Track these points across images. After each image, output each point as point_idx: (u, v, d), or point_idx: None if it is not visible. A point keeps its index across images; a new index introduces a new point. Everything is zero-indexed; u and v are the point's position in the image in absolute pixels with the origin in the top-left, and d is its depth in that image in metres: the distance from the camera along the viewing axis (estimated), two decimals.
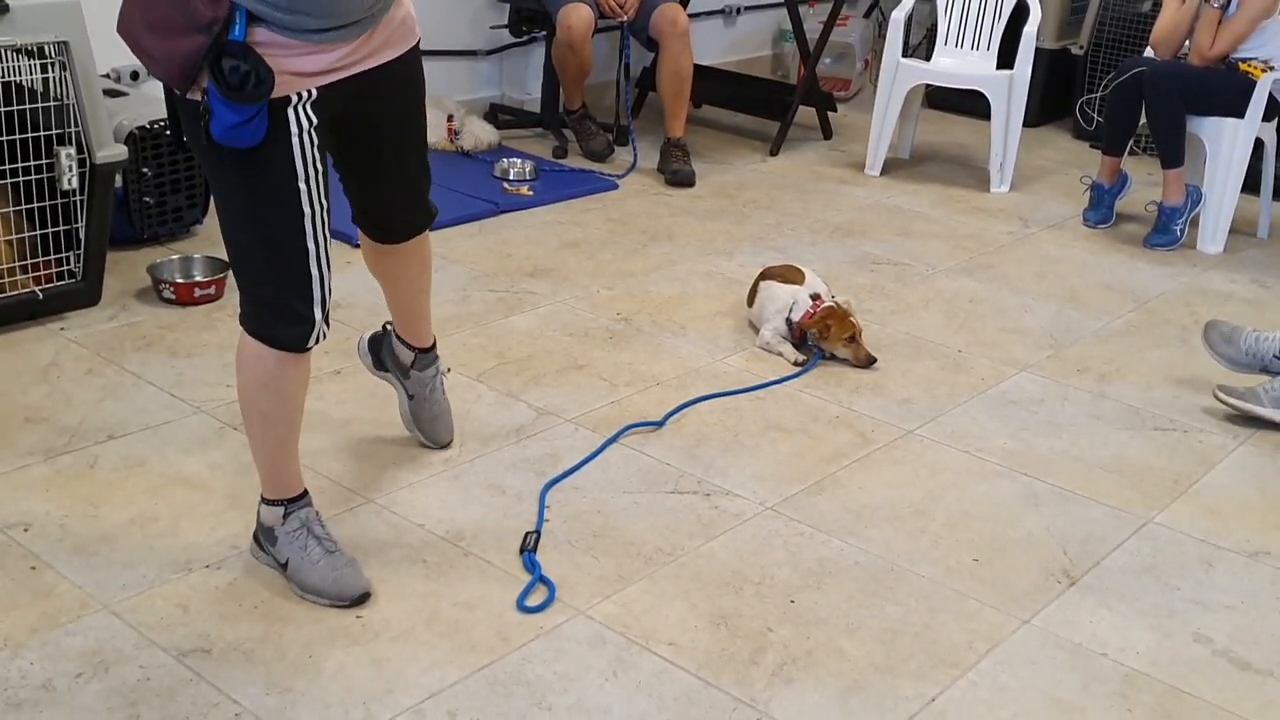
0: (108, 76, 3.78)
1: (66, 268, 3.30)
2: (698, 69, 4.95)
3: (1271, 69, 4.28)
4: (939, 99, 5.96)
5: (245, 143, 1.98)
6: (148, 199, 3.69)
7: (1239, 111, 4.30)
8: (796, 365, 3.31)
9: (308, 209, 2.08)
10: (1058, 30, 5.82)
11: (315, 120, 2.07)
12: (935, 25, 5.20)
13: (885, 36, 5.03)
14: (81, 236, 3.28)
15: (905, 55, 5.06)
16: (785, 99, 5.42)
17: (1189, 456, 2.98)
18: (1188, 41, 4.42)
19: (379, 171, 2.33)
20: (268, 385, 2.20)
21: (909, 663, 2.20)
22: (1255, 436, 3.09)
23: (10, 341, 3.18)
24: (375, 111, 2.22)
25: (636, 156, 4.93)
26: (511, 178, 4.62)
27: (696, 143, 5.17)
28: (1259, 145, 4.44)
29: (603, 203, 4.54)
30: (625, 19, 4.77)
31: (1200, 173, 4.43)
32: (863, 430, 3.01)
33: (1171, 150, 4.37)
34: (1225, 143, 4.36)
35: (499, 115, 5.26)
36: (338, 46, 2.05)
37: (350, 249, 3.46)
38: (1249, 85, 4.27)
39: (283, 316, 2.13)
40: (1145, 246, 4.41)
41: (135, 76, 4.03)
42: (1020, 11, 4.94)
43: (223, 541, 2.42)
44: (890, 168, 5.12)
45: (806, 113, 5.46)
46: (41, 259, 3.27)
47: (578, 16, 4.63)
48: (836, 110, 5.68)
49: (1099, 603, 2.40)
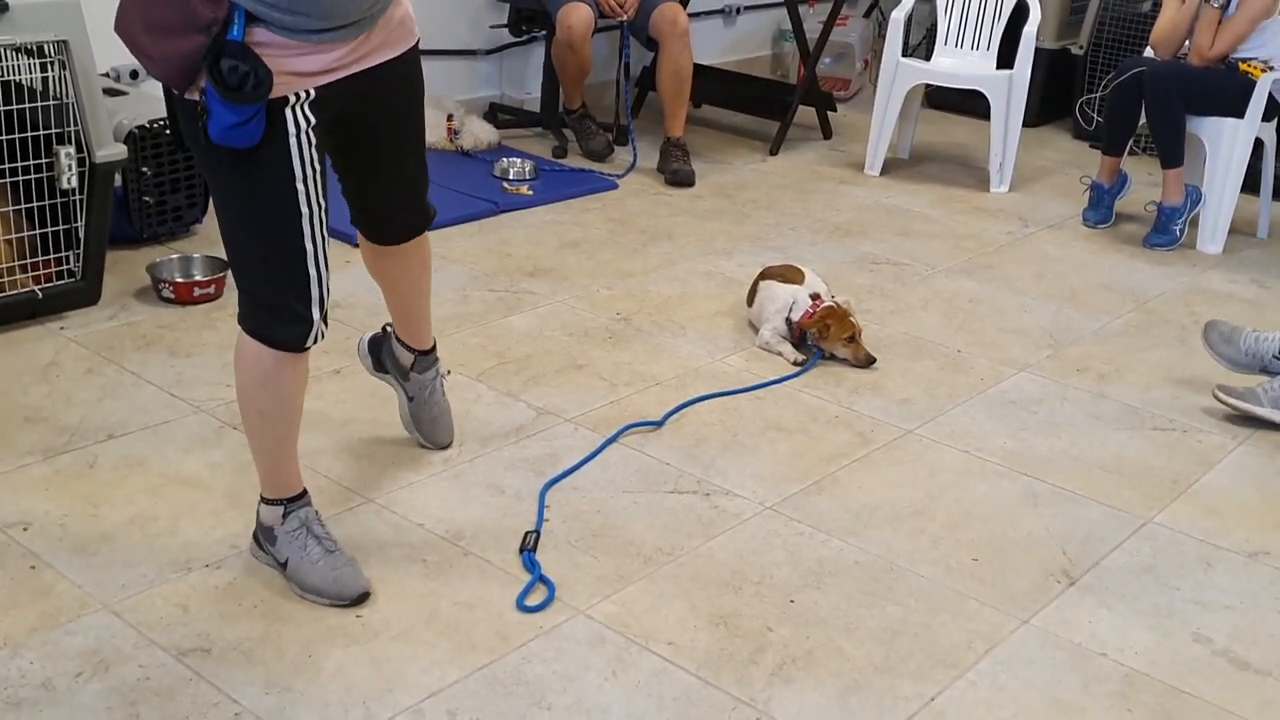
0: (107, 75, 3.78)
1: (66, 267, 3.30)
2: (697, 69, 4.95)
3: (1271, 69, 4.28)
4: (939, 99, 5.96)
5: (243, 143, 1.98)
6: (147, 198, 3.69)
7: (1239, 111, 4.30)
8: (796, 365, 3.31)
9: (306, 209, 2.08)
10: (1057, 30, 5.81)
11: (313, 120, 2.06)
12: (935, 25, 5.20)
13: (885, 36, 5.03)
14: (81, 236, 3.28)
15: (905, 55, 5.06)
16: (785, 99, 5.42)
17: (1188, 456, 2.98)
18: (1187, 41, 4.42)
19: (377, 171, 2.33)
20: (266, 385, 2.20)
21: (908, 662, 2.20)
22: (1255, 436, 3.09)
23: (10, 341, 3.17)
24: (374, 111, 2.22)
25: (636, 156, 4.93)
26: (511, 177, 4.62)
27: (696, 142, 5.17)
28: (1259, 145, 4.44)
29: (602, 202, 4.54)
30: (625, 18, 4.77)
31: (1200, 173, 4.43)
32: (862, 430, 3.01)
33: (1171, 150, 4.37)
34: (1225, 143, 4.36)
35: (499, 115, 5.26)
36: (336, 47, 2.05)
37: (350, 249, 3.45)
38: (1249, 85, 4.27)
39: (281, 316, 2.13)
40: (1145, 246, 4.41)
41: (135, 75, 4.03)
42: (1020, 11, 4.94)
43: (222, 541, 2.42)
44: (890, 168, 5.12)
45: (806, 112, 5.46)
46: (41, 258, 3.27)
47: (577, 16, 4.63)
48: (836, 110, 5.68)
49: (1098, 603, 2.40)
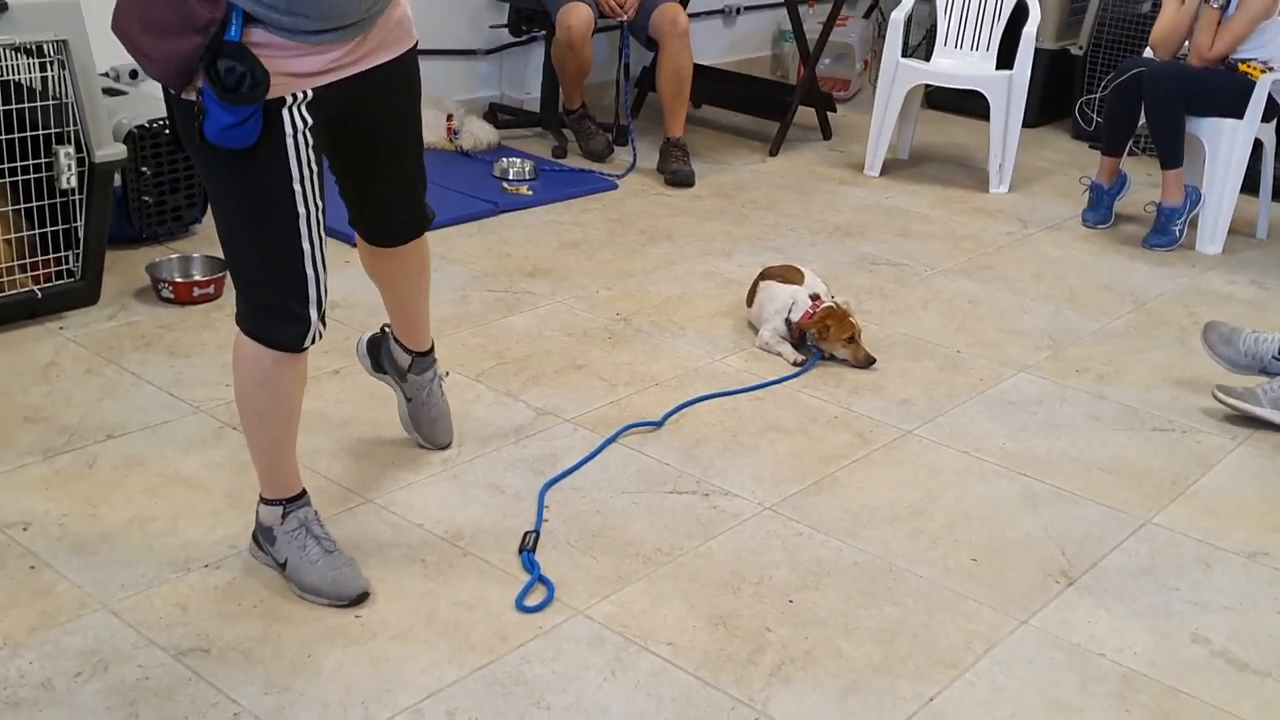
0: (107, 75, 3.78)
1: (65, 267, 3.30)
2: (697, 69, 4.95)
3: (1271, 70, 4.28)
4: (938, 99, 5.96)
5: (240, 144, 1.98)
6: (147, 198, 3.69)
7: (1238, 112, 4.31)
8: (795, 365, 3.31)
9: (303, 209, 2.08)
10: (1057, 31, 5.82)
11: (310, 121, 2.06)
12: (935, 25, 5.20)
13: (885, 37, 5.04)
14: (80, 236, 3.28)
15: (905, 55, 5.06)
16: (785, 99, 5.42)
17: (1187, 457, 2.98)
18: (1187, 42, 4.42)
19: (375, 172, 2.33)
20: (264, 385, 2.20)
21: (907, 663, 2.20)
22: (1254, 437, 3.09)
23: (9, 341, 3.17)
24: (371, 112, 2.22)
25: (636, 156, 4.93)
26: (511, 177, 4.62)
27: (696, 143, 5.17)
28: (1258, 146, 4.45)
29: (602, 203, 4.54)
30: (625, 19, 4.77)
31: (1199, 173, 4.43)
32: (861, 430, 3.01)
33: (1170, 151, 4.38)
34: (1224, 143, 4.36)
35: (498, 115, 5.26)
36: (333, 48, 2.04)
37: (349, 249, 3.45)
38: (1248, 86, 4.27)
39: (279, 317, 2.13)
40: (1144, 247, 4.41)
41: (134, 75, 4.03)
42: (1020, 12, 4.94)
43: (221, 541, 2.42)
44: (889, 168, 5.12)
45: (806, 113, 5.46)
46: (40, 258, 3.27)
47: (577, 16, 4.63)
48: (836, 110, 5.68)
49: (1097, 603, 2.40)
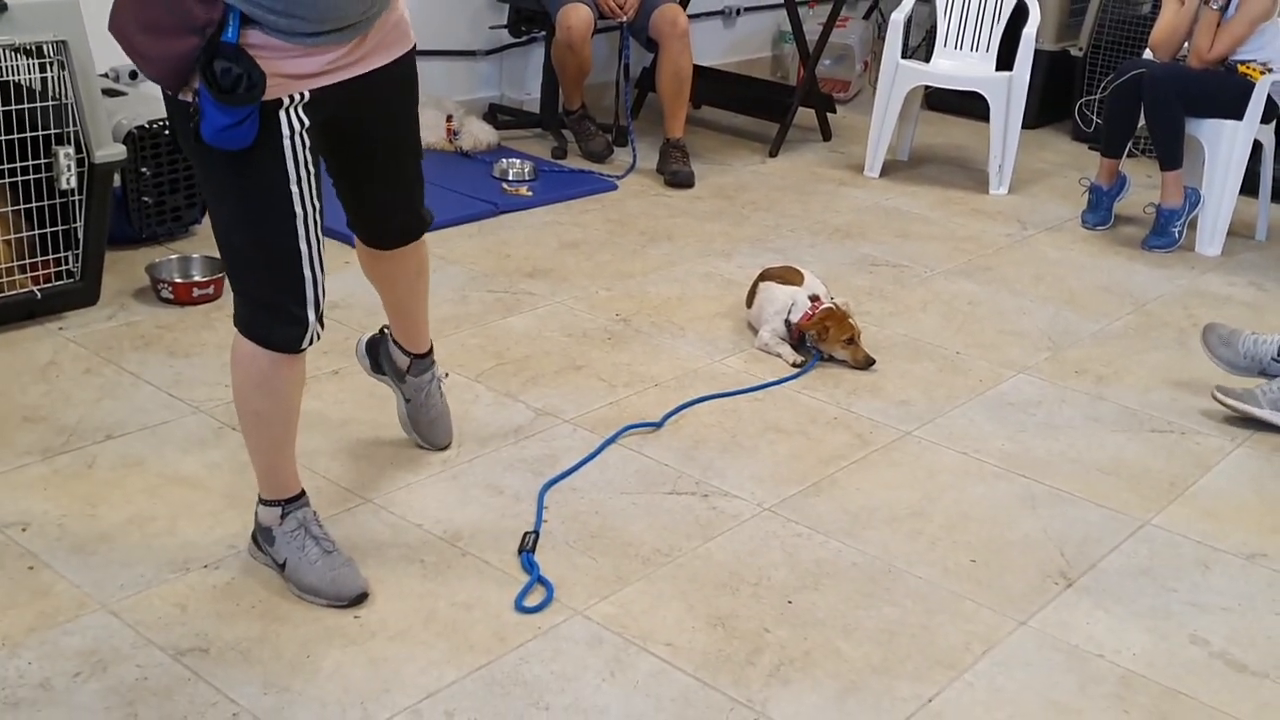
0: (106, 76, 3.78)
1: (65, 267, 3.30)
2: (697, 70, 4.95)
3: (1270, 71, 4.28)
4: (938, 101, 5.96)
5: (236, 145, 1.98)
6: (146, 198, 3.69)
7: (1237, 113, 4.31)
8: (795, 366, 3.31)
9: (300, 211, 2.08)
10: (1057, 32, 5.82)
11: (308, 122, 2.06)
12: (935, 27, 5.20)
13: (885, 38, 5.04)
14: (80, 236, 3.28)
15: (904, 57, 5.06)
16: (785, 100, 5.42)
17: (1186, 458, 2.98)
18: (1186, 44, 4.42)
19: (372, 174, 2.33)
20: (262, 386, 2.20)
21: (906, 664, 2.20)
22: (1253, 439, 3.09)
23: (9, 341, 3.18)
24: (369, 115, 2.22)
25: (636, 157, 4.93)
26: (510, 178, 4.62)
27: (696, 144, 5.17)
28: (1257, 147, 4.45)
29: (602, 203, 4.54)
30: (625, 19, 4.77)
31: (1199, 175, 4.43)
32: (861, 432, 3.01)
33: (1170, 152, 4.38)
34: (1224, 145, 4.36)
35: (498, 115, 5.26)
36: (330, 49, 2.04)
37: (349, 250, 3.45)
38: (1247, 87, 4.27)
39: (277, 318, 2.13)
40: (1143, 249, 4.41)
41: (134, 76, 4.03)
42: (1019, 13, 4.94)
43: (221, 541, 2.42)
44: (889, 169, 5.12)
45: (806, 114, 5.47)
46: (40, 259, 3.27)
47: (577, 17, 4.63)
48: (836, 112, 5.68)
49: (1096, 604, 2.40)
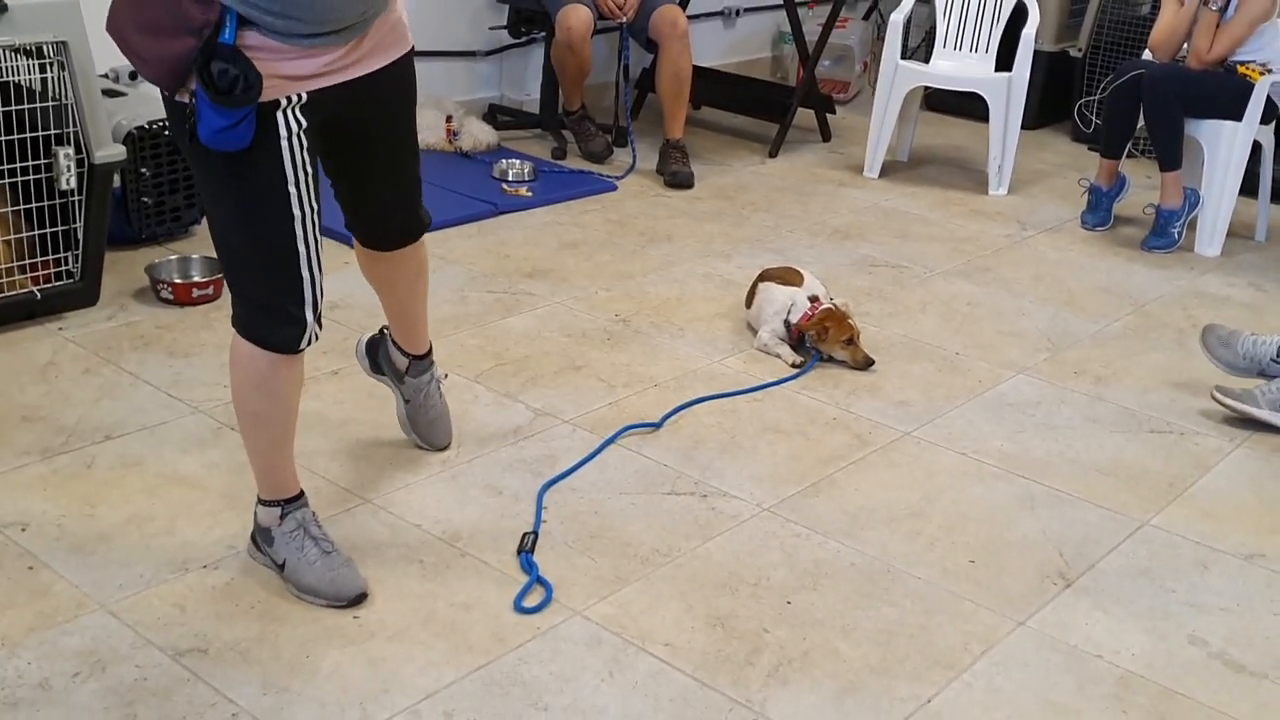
0: (106, 76, 3.78)
1: (65, 268, 3.30)
2: (697, 70, 4.95)
3: (1269, 72, 4.28)
4: (937, 101, 5.96)
5: (233, 146, 1.98)
6: (146, 199, 3.69)
7: (1237, 114, 4.31)
8: (794, 367, 3.31)
9: (298, 211, 2.08)
10: (1056, 33, 5.82)
11: (306, 123, 2.07)
12: (934, 27, 5.20)
13: (884, 39, 5.04)
14: (79, 236, 3.28)
15: (904, 57, 5.06)
16: (784, 101, 5.42)
17: (1185, 459, 2.98)
18: (1186, 44, 4.43)
19: (371, 175, 2.33)
20: (260, 387, 2.20)
21: (904, 664, 2.20)
22: (1251, 439, 3.09)
23: (8, 341, 3.18)
24: (367, 116, 2.22)
25: (635, 158, 4.93)
26: (510, 179, 4.62)
27: (695, 144, 5.17)
28: (1257, 148, 4.45)
29: (601, 204, 4.54)
30: (624, 20, 4.78)
31: (1198, 175, 4.43)
32: (860, 432, 3.01)
33: (1169, 153, 4.38)
34: (1223, 146, 4.36)
35: (498, 116, 5.26)
36: (327, 51, 2.04)
37: (348, 250, 3.45)
38: (1247, 88, 4.28)
39: (275, 318, 2.13)
40: (1143, 249, 4.41)
41: (134, 76, 4.03)
42: (1019, 14, 4.94)
43: (220, 541, 2.42)
44: (889, 170, 5.12)
45: (805, 115, 5.47)
46: (40, 259, 3.27)
47: (577, 17, 4.63)
48: (835, 112, 5.69)
49: (1094, 605, 2.40)
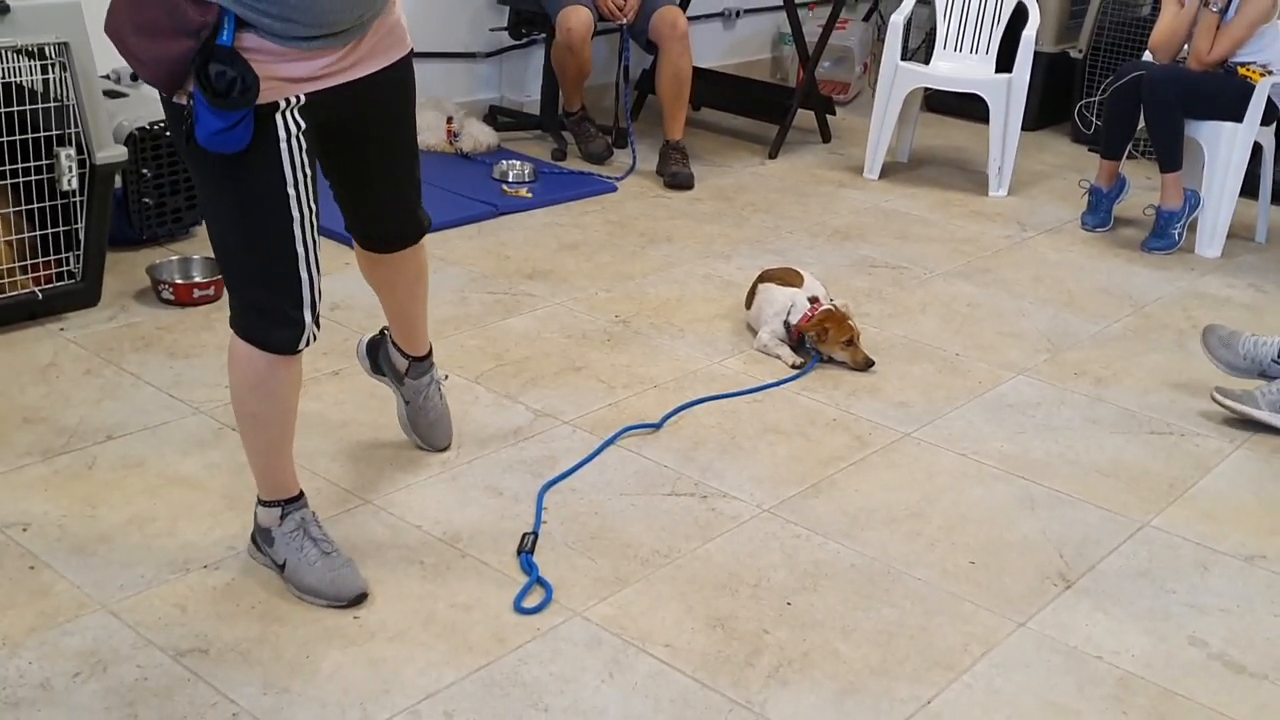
0: (108, 77, 3.78)
1: (66, 268, 3.30)
2: (697, 72, 4.96)
3: (1270, 73, 4.28)
4: (937, 102, 5.97)
5: (231, 148, 1.98)
6: (147, 200, 3.69)
7: (1237, 116, 4.31)
8: (794, 368, 3.31)
9: (297, 213, 2.08)
10: (1057, 34, 5.82)
11: (304, 125, 2.07)
12: (934, 29, 5.20)
13: (884, 40, 5.04)
14: (81, 237, 3.28)
15: (904, 58, 5.07)
16: (784, 102, 5.43)
17: (1185, 460, 2.99)
18: (1186, 46, 4.43)
19: (369, 178, 2.33)
20: (258, 388, 2.20)
21: (904, 665, 2.20)
22: (1251, 440, 3.09)
23: (9, 341, 3.18)
24: (366, 118, 2.22)
25: (635, 159, 4.93)
26: (510, 180, 4.63)
27: (695, 145, 5.17)
28: (1257, 149, 4.45)
29: (601, 205, 4.55)
30: (624, 21, 4.78)
31: (1198, 177, 4.44)
32: (860, 433, 3.01)
33: (1170, 154, 4.38)
34: (1223, 147, 4.36)
35: (498, 117, 5.26)
36: (325, 53, 2.05)
37: (348, 251, 3.45)
38: (1247, 89, 4.28)
39: (273, 319, 2.13)
40: (1143, 250, 4.41)
41: (135, 78, 4.03)
42: (1019, 15, 4.95)
43: (220, 542, 2.42)
44: (889, 171, 5.12)
45: (805, 116, 5.47)
46: (41, 259, 3.27)
47: (577, 19, 4.63)
48: (835, 113, 5.69)
49: (1094, 606, 2.40)
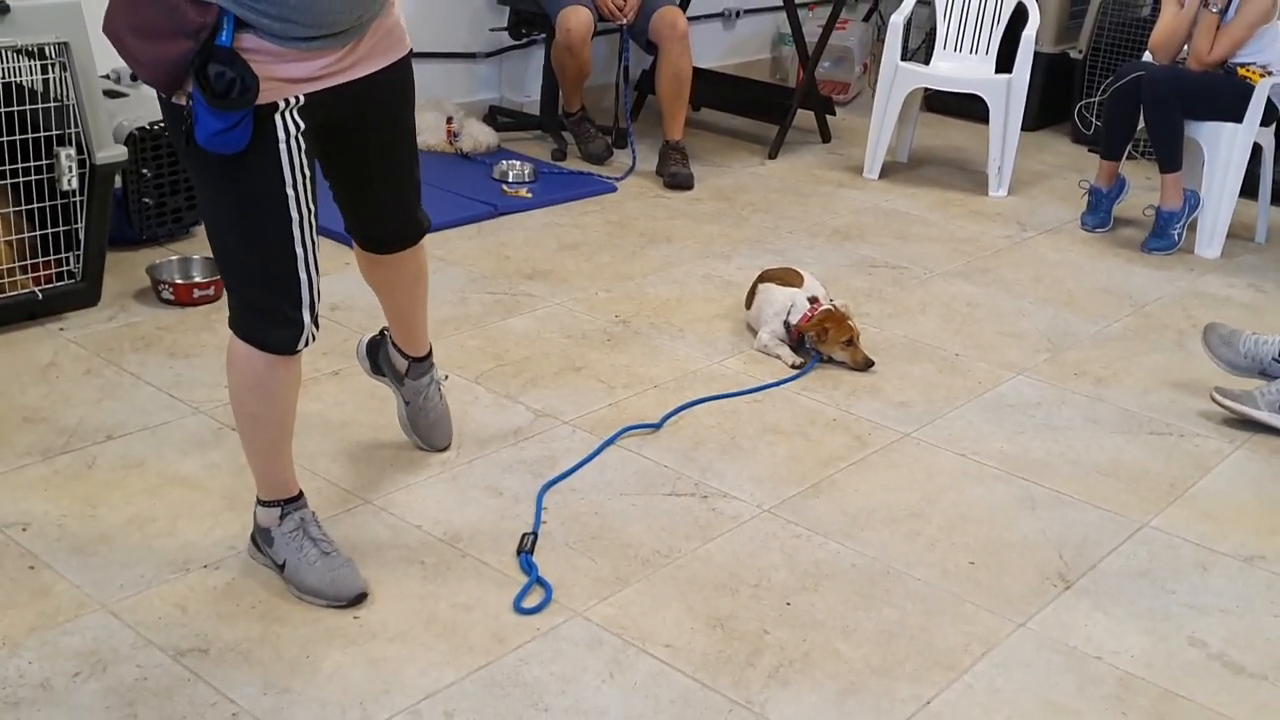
0: (108, 77, 3.78)
1: (66, 268, 3.30)
2: (697, 72, 4.96)
3: (1270, 74, 4.28)
4: (937, 103, 5.97)
5: (230, 149, 1.98)
6: (147, 200, 3.69)
7: (1237, 116, 4.31)
8: (794, 368, 3.31)
9: (296, 214, 2.08)
10: (1057, 34, 5.82)
11: (303, 126, 2.07)
12: (934, 29, 5.20)
13: (884, 40, 5.04)
14: (81, 237, 3.28)
15: (904, 59, 5.07)
16: (784, 102, 5.43)
17: (1185, 460, 2.99)
18: (1186, 46, 4.43)
19: (368, 179, 2.33)
20: (257, 388, 2.20)
21: (905, 665, 2.20)
22: (1251, 441, 3.09)
23: (9, 341, 3.18)
24: (365, 119, 2.22)
25: (635, 159, 4.93)
26: (510, 180, 4.63)
27: (695, 146, 5.17)
28: (1257, 150, 4.45)
29: (601, 205, 4.55)
30: (624, 21, 4.78)
31: (1198, 177, 4.44)
32: (860, 433, 3.01)
33: (1169, 155, 4.38)
34: (1223, 147, 4.36)
35: (498, 118, 5.26)
36: (324, 54, 2.04)
37: (348, 251, 3.45)
38: (1247, 90, 4.28)
39: (272, 320, 2.13)
40: (1143, 251, 4.41)
41: (135, 78, 4.03)
42: (1019, 15, 4.95)
43: (220, 542, 2.42)
44: (888, 171, 5.13)
45: (805, 116, 5.47)
46: (41, 259, 3.27)
47: (577, 19, 4.63)
48: (835, 114, 5.69)
49: (1094, 606, 2.40)
